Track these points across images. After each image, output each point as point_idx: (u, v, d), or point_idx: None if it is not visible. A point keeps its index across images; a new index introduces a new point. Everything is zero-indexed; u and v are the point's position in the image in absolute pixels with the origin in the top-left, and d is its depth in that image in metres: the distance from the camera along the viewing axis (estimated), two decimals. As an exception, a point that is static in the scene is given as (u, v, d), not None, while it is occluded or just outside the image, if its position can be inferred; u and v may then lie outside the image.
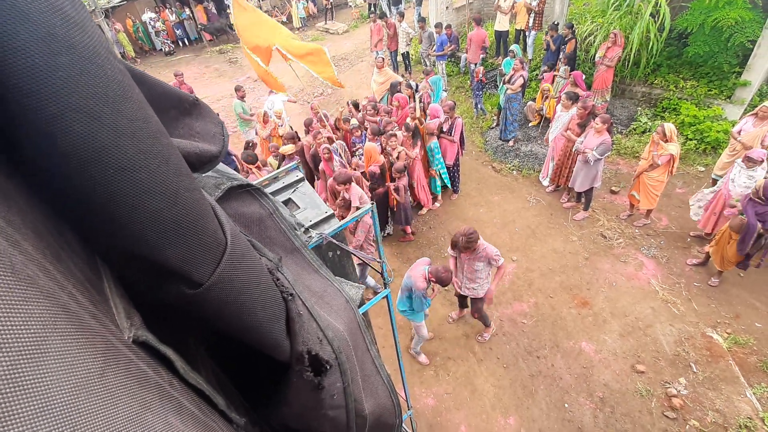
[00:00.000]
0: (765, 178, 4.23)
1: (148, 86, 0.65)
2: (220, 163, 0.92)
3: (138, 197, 0.43)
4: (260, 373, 0.86)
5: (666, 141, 4.93)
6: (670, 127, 4.92)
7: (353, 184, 4.66)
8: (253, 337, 0.63)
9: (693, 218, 5.25)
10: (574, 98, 5.84)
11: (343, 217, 4.73)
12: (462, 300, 4.66)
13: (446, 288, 5.31)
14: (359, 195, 4.58)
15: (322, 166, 5.71)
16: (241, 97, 7.52)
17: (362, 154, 5.90)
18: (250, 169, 5.57)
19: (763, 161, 4.43)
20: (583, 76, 7.09)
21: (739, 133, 5.24)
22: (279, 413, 0.78)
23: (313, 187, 4.03)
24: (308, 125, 6.29)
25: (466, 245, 3.75)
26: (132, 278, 0.54)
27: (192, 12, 15.33)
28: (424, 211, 6.43)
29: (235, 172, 1.04)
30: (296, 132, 6.22)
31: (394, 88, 7.15)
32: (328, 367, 0.70)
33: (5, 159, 0.39)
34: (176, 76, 8.02)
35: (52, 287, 0.35)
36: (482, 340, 4.65)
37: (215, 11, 15.94)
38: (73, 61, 0.36)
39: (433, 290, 3.94)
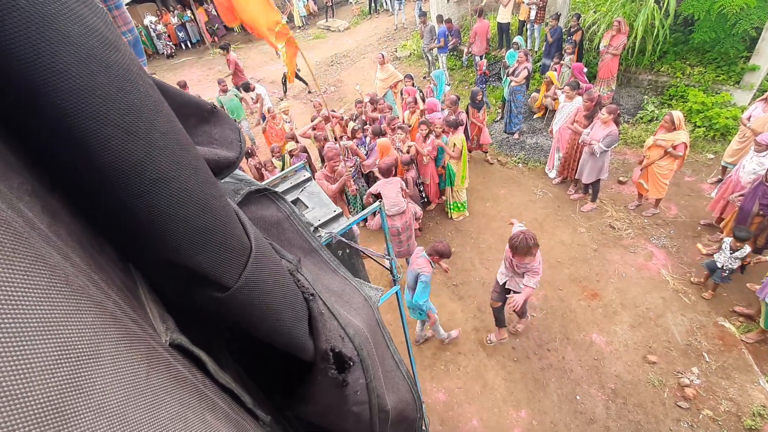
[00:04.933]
0: None
1: (170, 96, 0.66)
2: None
3: (171, 207, 0.45)
4: (279, 371, 0.89)
5: (674, 129, 4.88)
6: (677, 114, 4.86)
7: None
8: (279, 337, 0.65)
9: None
10: (576, 87, 5.81)
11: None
12: (499, 316, 4.31)
13: (455, 284, 5.33)
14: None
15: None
16: (223, 91, 7.83)
17: (366, 156, 5.93)
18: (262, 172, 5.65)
19: None
20: (584, 69, 7.02)
21: (748, 119, 5.16)
22: (302, 410, 0.80)
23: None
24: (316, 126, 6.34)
25: (515, 245, 3.42)
26: (163, 284, 0.56)
27: (194, 14, 15.37)
28: (432, 206, 6.43)
29: (250, 177, 1.06)
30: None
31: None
32: (351, 364, 0.72)
33: (48, 175, 0.41)
34: (180, 87, 8.09)
35: (100, 296, 0.37)
36: (513, 330, 4.56)
37: (215, 13, 15.96)
38: (110, 80, 0.38)
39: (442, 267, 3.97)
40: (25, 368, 0.27)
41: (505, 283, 4.03)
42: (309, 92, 10.61)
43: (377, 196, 4.67)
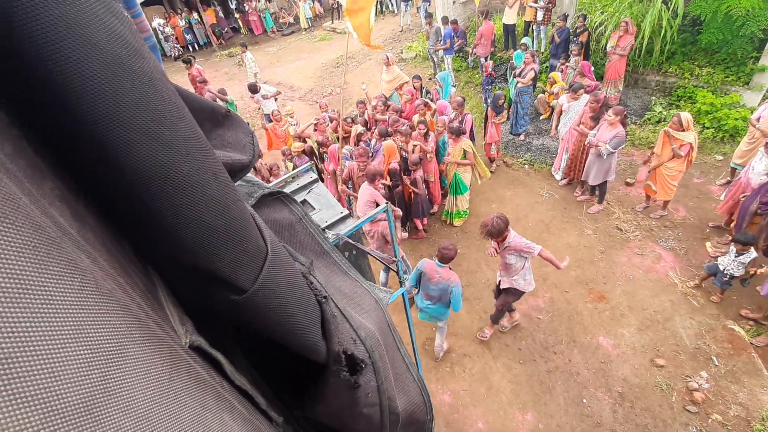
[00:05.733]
0: None
1: (187, 101, 0.67)
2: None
3: (193, 211, 0.46)
4: (289, 371, 0.89)
5: (683, 130, 4.84)
6: (686, 116, 4.82)
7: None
8: (293, 339, 0.65)
9: None
10: (578, 88, 5.79)
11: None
12: (498, 316, 4.49)
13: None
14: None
15: (332, 165, 5.75)
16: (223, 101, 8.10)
17: (371, 158, 5.94)
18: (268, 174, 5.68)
19: None
20: (592, 68, 6.99)
21: (757, 120, 5.11)
22: (314, 411, 0.81)
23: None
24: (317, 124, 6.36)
25: (489, 231, 3.66)
26: (181, 285, 0.57)
27: (201, 16, 15.51)
28: (435, 207, 6.42)
29: (261, 180, 1.07)
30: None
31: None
32: (363, 366, 0.72)
33: (74, 180, 0.42)
34: (200, 83, 8.19)
35: (125, 299, 0.38)
36: (480, 336, 4.55)
37: (222, 15, 16.11)
38: (135, 86, 0.39)
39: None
40: (60, 370, 0.28)
41: (500, 282, 4.22)
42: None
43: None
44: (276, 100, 8.22)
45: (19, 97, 0.36)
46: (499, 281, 4.22)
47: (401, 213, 5.41)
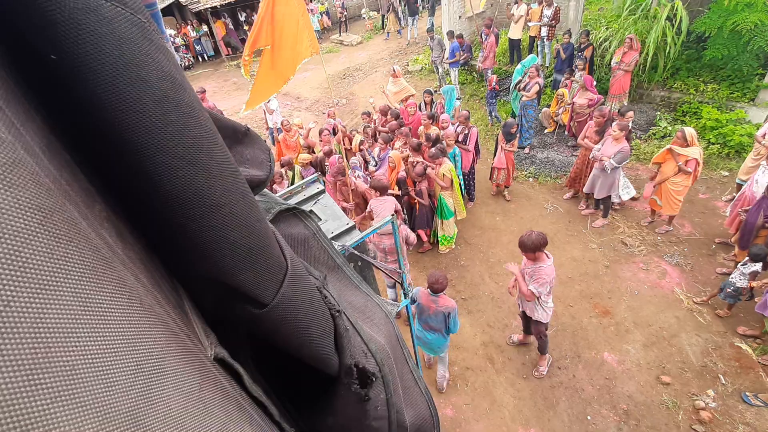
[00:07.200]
0: None
1: (213, 122, 0.71)
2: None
3: (222, 230, 0.49)
4: (298, 383, 0.91)
5: (687, 145, 4.86)
6: (690, 131, 4.85)
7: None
8: (307, 352, 0.68)
9: None
10: (627, 111, 5.67)
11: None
12: (527, 324, 4.33)
13: (464, 298, 5.30)
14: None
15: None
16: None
17: (376, 167, 6.00)
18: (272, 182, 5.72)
19: None
20: (594, 81, 7.05)
21: (763, 136, 5.12)
22: (324, 423, 0.82)
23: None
24: (321, 134, 6.45)
25: (523, 241, 3.52)
26: (205, 299, 0.60)
27: (210, 28, 15.83)
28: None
29: (275, 195, 1.10)
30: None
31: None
32: (374, 379, 0.74)
33: (117, 201, 0.45)
34: (198, 93, 8.36)
35: (163, 314, 0.41)
36: (538, 375, 4.27)
37: (232, 27, 16.45)
38: (179, 117, 0.42)
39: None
40: (112, 380, 0.30)
41: (521, 309, 4.15)
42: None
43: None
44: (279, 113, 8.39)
45: (73, 125, 0.40)
46: (521, 308, 4.18)
47: (404, 217, 5.43)
